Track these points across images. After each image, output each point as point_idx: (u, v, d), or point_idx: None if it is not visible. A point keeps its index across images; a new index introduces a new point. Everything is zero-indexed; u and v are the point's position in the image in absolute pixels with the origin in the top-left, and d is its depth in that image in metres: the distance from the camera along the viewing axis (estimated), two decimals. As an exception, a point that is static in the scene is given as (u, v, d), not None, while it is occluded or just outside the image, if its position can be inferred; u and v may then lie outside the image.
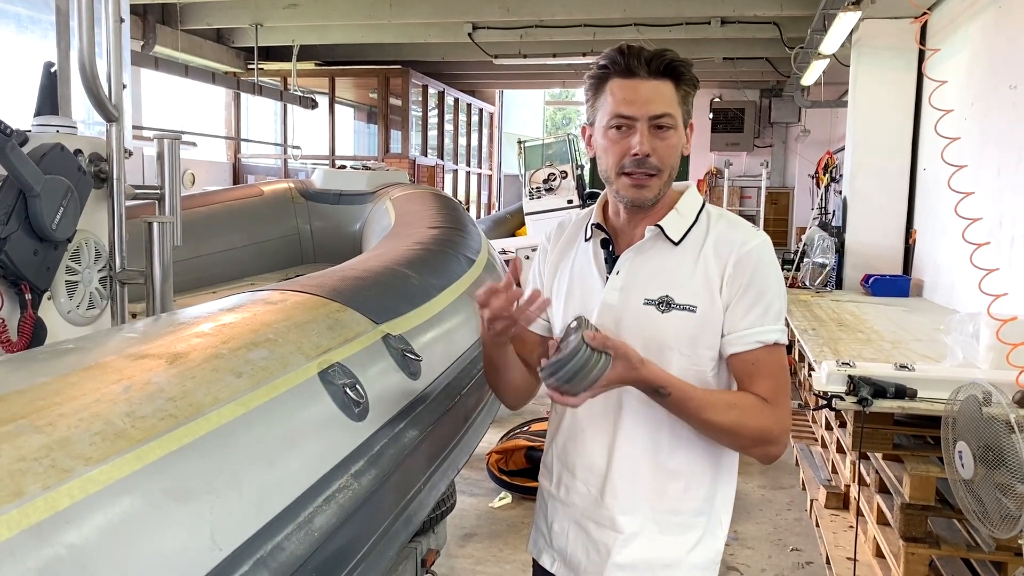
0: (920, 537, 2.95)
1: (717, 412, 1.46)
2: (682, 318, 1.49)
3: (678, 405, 1.45)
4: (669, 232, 1.53)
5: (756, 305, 1.47)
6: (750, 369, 1.50)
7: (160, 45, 9.29)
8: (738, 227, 1.54)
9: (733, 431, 1.48)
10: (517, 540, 4.10)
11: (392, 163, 11.17)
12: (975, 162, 4.64)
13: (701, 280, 1.50)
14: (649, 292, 1.52)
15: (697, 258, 1.51)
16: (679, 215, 1.55)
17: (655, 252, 1.54)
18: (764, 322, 1.48)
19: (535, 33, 9.63)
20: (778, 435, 1.49)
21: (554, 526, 1.63)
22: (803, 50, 7.66)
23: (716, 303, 1.49)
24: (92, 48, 2.03)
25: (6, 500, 0.87)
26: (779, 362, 1.51)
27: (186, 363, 1.29)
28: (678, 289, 1.50)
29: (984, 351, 3.15)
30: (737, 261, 1.48)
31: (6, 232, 1.84)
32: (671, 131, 1.47)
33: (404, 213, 3.92)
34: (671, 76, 1.47)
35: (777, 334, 1.49)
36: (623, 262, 1.55)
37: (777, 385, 1.49)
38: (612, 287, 1.55)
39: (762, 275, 1.48)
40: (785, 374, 1.52)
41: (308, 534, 1.24)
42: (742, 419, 1.46)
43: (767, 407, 1.47)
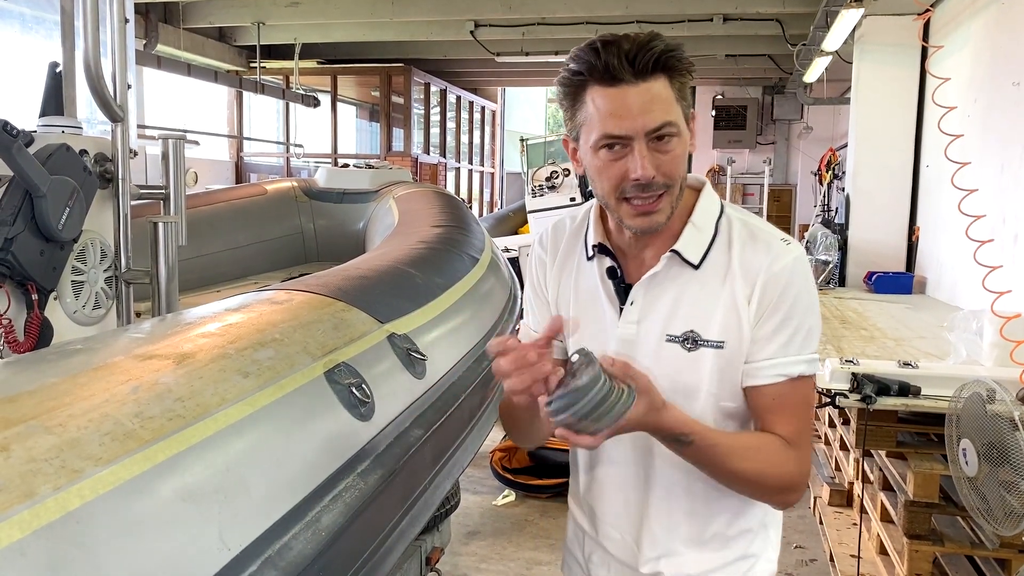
0: (924, 534, 2.96)
1: (741, 460, 1.27)
2: (712, 357, 1.29)
3: (701, 453, 1.24)
4: (687, 255, 1.31)
5: (780, 332, 1.28)
6: (771, 405, 1.30)
7: (163, 44, 9.29)
8: (765, 242, 1.31)
9: (756, 481, 1.29)
10: (521, 538, 4.11)
11: (394, 161, 11.18)
12: (978, 159, 4.64)
13: (728, 309, 1.29)
14: (671, 327, 1.31)
15: (722, 283, 1.30)
16: (696, 230, 1.32)
17: (673, 279, 1.32)
18: (787, 352, 1.28)
19: (537, 31, 9.63)
20: (799, 482, 1.31)
21: (592, 558, 1.49)
22: (805, 47, 7.66)
23: (744, 334, 1.29)
24: (97, 48, 2.04)
25: (18, 501, 0.88)
26: (804, 398, 1.32)
27: (193, 363, 1.29)
28: (704, 322, 1.29)
29: (988, 348, 3.15)
30: (765, 283, 1.27)
31: (12, 233, 1.85)
32: (674, 140, 1.23)
33: (407, 212, 3.93)
34: (663, 70, 1.21)
35: (802, 366, 1.29)
36: (637, 291, 1.34)
37: (800, 425, 1.31)
38: (628, 319, 1.34)
39: (790, 297, 1.27)
40: (809, 412, 1.35)
41: (315, 533, 1.25)
42: (766, 468, 1.28)
43: (790, 452, 1.29)
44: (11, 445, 0.95)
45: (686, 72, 1.25)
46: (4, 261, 1.84)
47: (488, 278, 2.98)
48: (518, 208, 11.82)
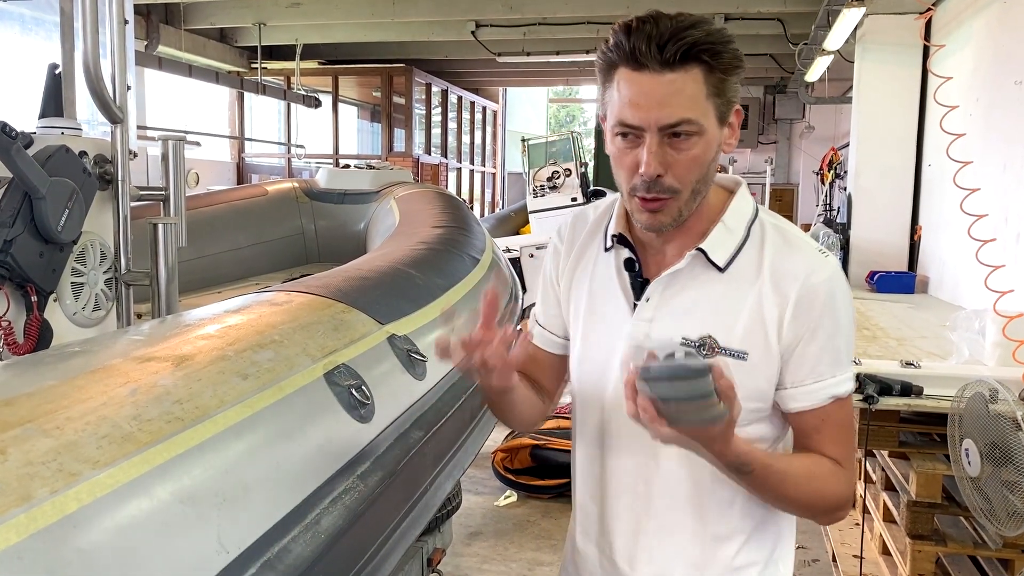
0: (926, 535, 2.95)
1: (796, 487, 1.21)
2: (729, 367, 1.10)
3: (758, 482, 1.17)
4: (714, 256, 1.21)
5: (826, 352, 1.19)
6: (819, 426, 1.23)
7: (164, 45, 9.30)
8: (801, 250, 1.22)
9: (809, 505, 1.24)
10: (523, 539, 4.10)
11: (396, 162, 11.18)
12: (980, 158, 4.63)
13: (754, 319, 1.19)
14: (687, 329, 1.20)
15: (750, 289, 1.20)
16: (726, 231, 1.22)
17: (695, 279, 1.22)
18: (836, 371, 1.20)
19: (538, 31, 9.63)
20: (846, 502, 1.26)
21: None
22: (807, 46, 7.65)
23: (771, 349, 1.19)
24: (96, 50, 2.03)
25: (14, 504, 0.87)
26: (849, 416, 1.26)
27: (192, 365, 1.29)
28: (724, 329, 1.19)
29: (990, 348, 3.14)
30: (800, 298, 1.18)
31: (12, 234, 1.85)
32: (693, 139, 1.13)
33: (408, 212, 3.93)
34: (698, 62, 1.11)
35: (849, 384, 1.23)
36: (654, 289, 1.24)
37: (848, 445, 1.26)
38: (641, 316, 1.24)
39: (833, 314, 1.19)
40: (853, 429, 1.29)
41: (315, 536, 1.24)
42: (823, 490, 1.22)
43: (841, 473, 1.23)
44: (8, 448, 0.94)
45: (729, 66, 1.14)
46: (3, 263, 1.84)
47: (489, 278, 2.98)
48: (519, 208, 11.83)
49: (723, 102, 1.15)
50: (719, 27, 1.14)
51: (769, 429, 1.26)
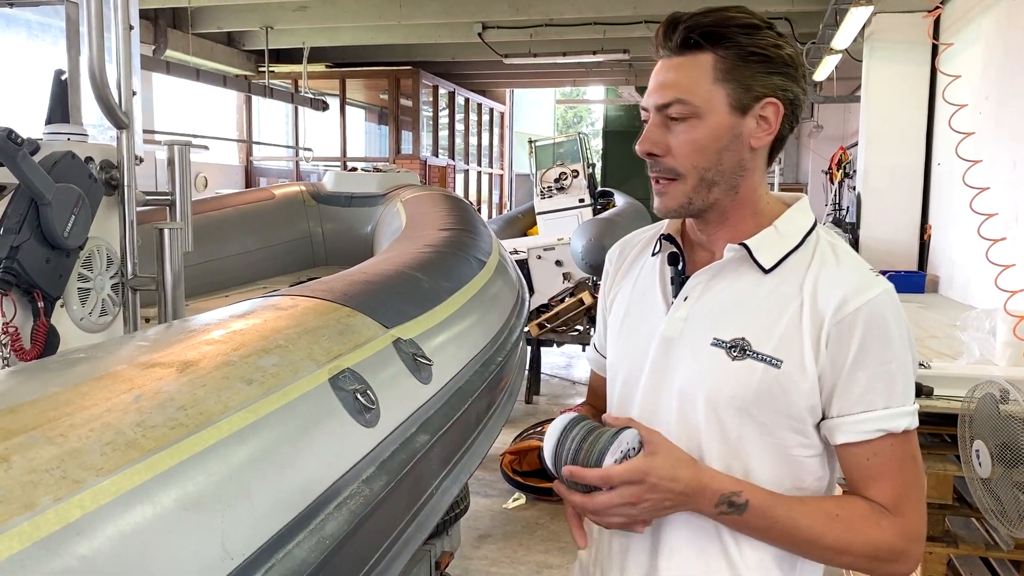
0: (938, 536, 2.93)
1: (817, 528, 1.11)
2: (759, 372, 1.12)
3: (760, 518, 1.11)
4: (758, 255, 1.16)
5: (877, 380, 1.11)
6: (865, 465, 1.13)
7: (171, 49, 9.35)
8: (850, 267, 1.15)
9: (836, 552, 1.12)
10: (531, 541, 4.10)
11: (403, 164, 11.20)
12: (990, 157, 4.60)
13: (792, 328, 1.12)
14: (720, 330, 1.16)
15: (793, 298, 1.14)
16: (777, 234, 1.18)
17: (736, 279, 1.18)
18: (891, 403, 1.11)
19: (545, 32, 9.63)
20: (902, 551, 1.12)
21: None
22: (815, 45, 7.62)
23: (806, 365, 1.11)
24: (102, 56, 2.04)
25: (17, 512, 0.87)
26: (908, 455, 1.14)
27: (196, 371, 1.29)
28: (759, 332, 1.13)
29: (1001, 348, 3.12)
30: (844, 318, 1.10)
31: (18, 240, 1.85)
32: (691, 122, 1.13)
33: (415, 215, 3.92)
34: (711, 45, 1.12)
35: (908, 419, 1.12)
36: (693, 285, 1.20)
37: (904, 487, 1.13)
38: (676, 315, 1.20)
39: (884, 338, 1.11)
40: (916, 470, 1.15)
41: (320, 541, 1.24)
42: (850, 536, 1.11)
43: (885, 517, 1.12)
44: (11, 456, 0.94)
45: (744, 53, 1.12)
46: (10, 269, 1.84)
47: (495, 281, 2.97)
48: (527, 210, 11.83)
49: (738, 88, 1.13)
50: (751, 16, 1.14)
51: (818, 467, 1.18)
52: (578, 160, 11.08)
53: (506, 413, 2.56)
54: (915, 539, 1.14)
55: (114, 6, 2.15)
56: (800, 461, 1.16)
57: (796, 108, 1.17)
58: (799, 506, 1.13)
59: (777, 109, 1.15)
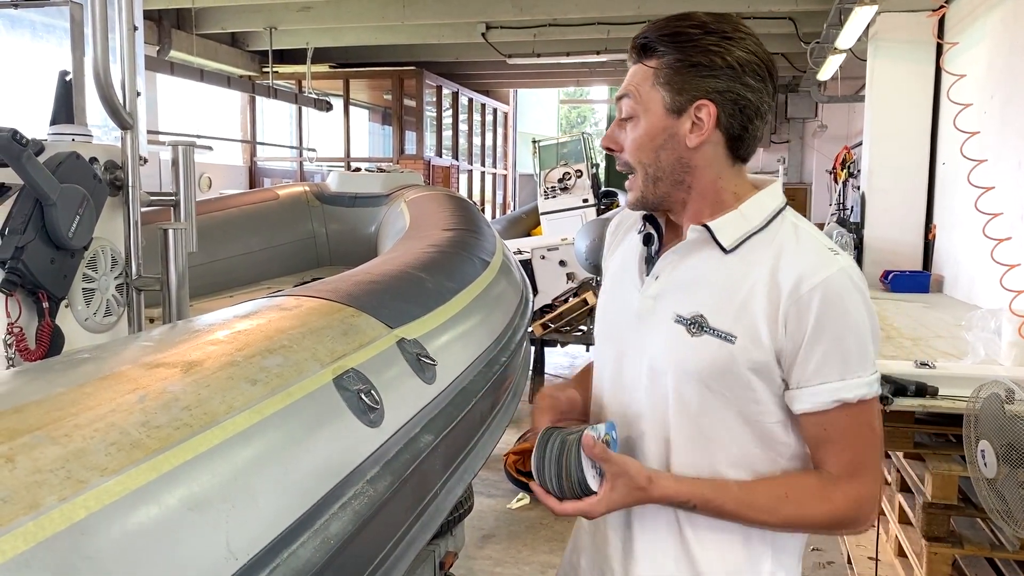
0: (943, 536, 2.92)
1: (766, 512, 1.20)
2: (714, 347, 1.20)
3: (712, 513, 1.21)
4: (719, 235, 1.23)
5: (833, 353, 1.17)
6: (820, 434, 1.20)
7: (175, 50, 9.36)
8: (807, 249, 1.21)
9: (795, 529, 1.24)
10: (536, 541, 4.09)
11: (407, 164, 11.20)
12: (995, 156, 4.59)
13: (748, 305, 1.19)
14: (682, 307, 1.23)
15: (751, 275, 1.20)
16: (740, 216, 1.24)
17: (699, 258, 1.25)
18: (845, 375, 1.17)
19: (549, 32, 9.63)
20: (858, 517, 1.21)
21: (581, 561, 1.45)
22: (819, 45, 7.61)
23: (762, 340, 1.18)
24: (106, 57, 2.04)
25: (22, 512, 0.87)
26: (864, 424, 1.20)
27: (201, 371, 1.29)
28: (715, 309, 1.21)
29: (1006, 347, 3.11)
30: (801, 297, 1.16)
31: (23, 241, 1.85)
32: (632, 121, 1.25)
33: (419, 215, 3.92)
34: (650, 53, 1.24)
35: (862, 389, 1.18)
36: (663, 265, 1.29)
37: (856, 455, 1.20)
38: (647, 293, 1.29)
39: (838, 315, 1.16)
40: (871, 437, 1.21)
41: (324, 542, 1.24)
42: (802, 513, 1.20)
43: (838, 488, 1.19)
44: (16, 456, 0.94)
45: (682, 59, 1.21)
46: (15, 270, 1.85)
47: (499, 281, 2.97)
48: (531, 210, 11.84)
49: (673, 92, 1.22)
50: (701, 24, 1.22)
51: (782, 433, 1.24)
52: (582, 160, 11.08)
53: (510, 413, 2.56)
54: (867, 502, 1.22)
55: (118, 7, 2.15)
56: (764, 428, 1.23)
57: (745, 107, 1.23)
58: (748, 495, 1.21)
59: (710, 111, 1.21)
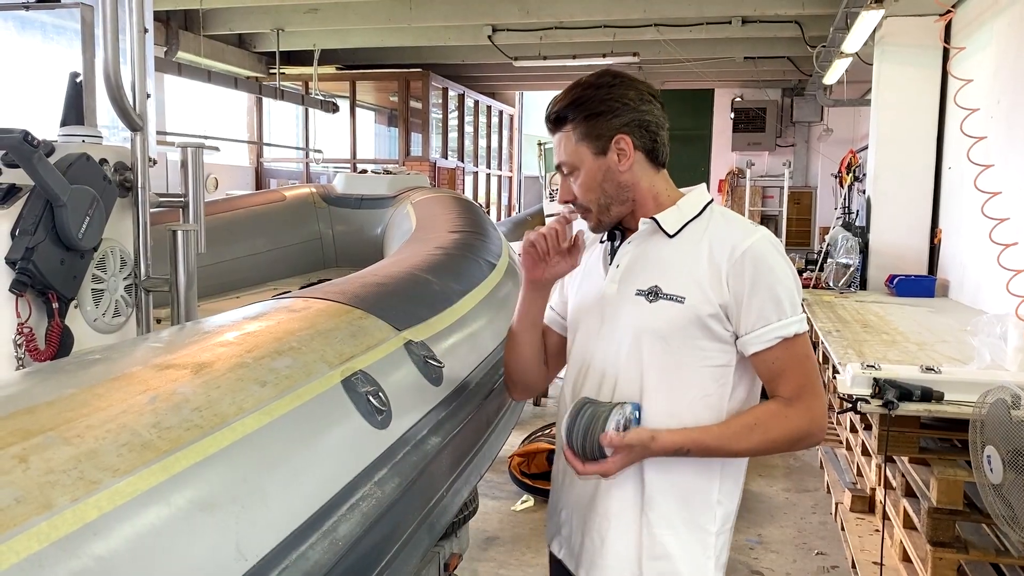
0: (948, 542, 2.92)
1: (742, 441, 1.49)
2: (669, 308, 1.52)
3: (703, 455, 1.50)
4: (664, 224, 1.57)
5: (767, 302, 1.48)
6: (772, 368, 1.51)
7: (183, 51, 9.37)
8: (734, 226, 1.56)
9: (766, 450, 1.52)
10: (540, 543, 4.09)
11: (413, 166, 11.21)
12: (1002, 161, 4.58)
13: (692, 273, 1.52)
14: (640, 283, 1.56)
15: (692, 251, 1.53)
16: (678, 210, 1.59)
17: (651, 245, 1.58)
18: (781, 316, 1.48)
19: (555, 35, 9.62)
20: (812, 430, 1.51)
21: (561, 513, 1.71)
22: (825, 49, 7.60)
23: (709, 299, 1.50)
24: (117, 59, 2.05)
25: (35, 512, 0.88)
26: (801, 353, 1.51)
27: (211, 373, 1.30)
28: (667, 280, 1.53)
29: (1012, 353, 3.11)
30: (736, 260, 1.49)
31: (34, 242, 1.86)
32: (576, 173, 1.58)
33: (425, 217, 3.93)
34: (564, 123, 1.57)
35: (795, 325, 1.49)
36: (622, 254, 1.61)
37: (801, 379, 1.50)
38: (611, 279, 1.61)
39: (766, 271, 1.49)
40: (809, 363, 1.53)
41: (332, 543, 1.24)
42: (768, 436, 1.50)
43: (792, 408, 1.50)
44: (30, 456, 0.95)
45: (589, 117, 1.55)
46: (25, 270, 1.86)
47: (505, 283, 2.98)
48: (536, 212, 11.82)
49: (593, 140, 1.55)
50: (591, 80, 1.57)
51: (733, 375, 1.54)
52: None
53: (516, 415, 2.56)
54: (818, 417, 1.51)
55: (129, 9, 2.16)
56: (714, 370, 1.53)
57: (648, 126, 1.57)
58: (726, 430, 1.50)
59: (626, 140, 1.55)
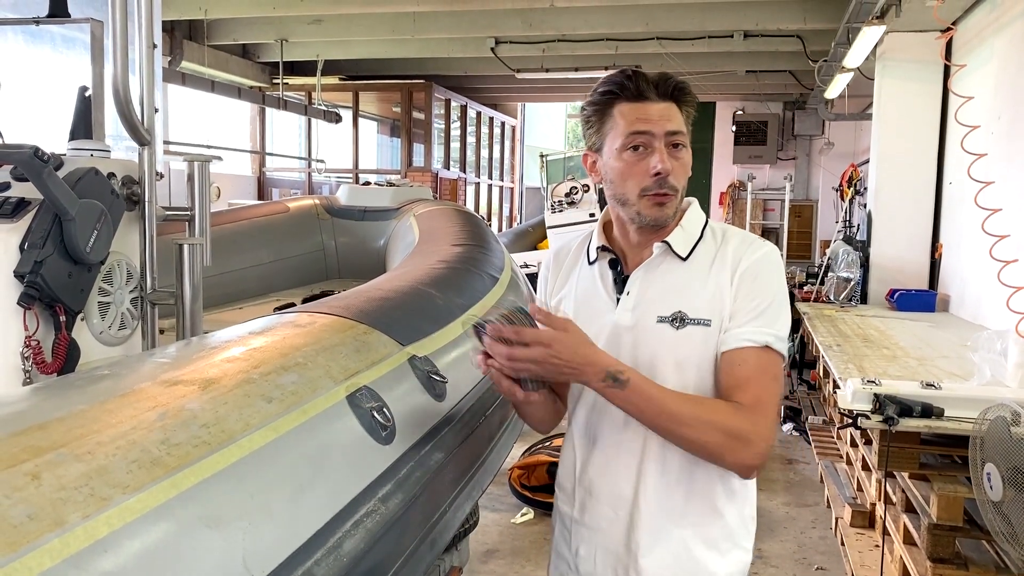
0: (948, 558, 2.92)
1: (681, 404, 1.40)
2: (697, 332, 1.47)
3: (639, 395, 1.38)
4: (676, 248, 1.53)
5: (751, 310, 1.46)
6: (735, 371, 1.44)
7: (187, 61, 9.43)
8: (744, 238, 1.55)
9: (698, 428, 1.39)
10: (539, 556, 4.10)
11: (415, 176, 11.24)
12: (1002, 177, 4.60)
13: (713, 293, 1.48)
14: (662, 309, 1.50)
15: (707, 272, 1.50)
16: (684, 231, 1.55)
17: (665, 269, 1.53)
18: (759, 323, 1.45)
19: (557, 47, 9.67)
20: (753, 439, 1.40)
21: (580, 551, 1.60)
22: (827, 63, 7.63)
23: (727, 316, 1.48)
24: (126, 74, 2.07)
25: (48, 529, 0.89)
26: (767, 368, 1.45)
27: (218, 389, 1.31)
28: (690, 304, 1.49)
29: (1013, 369, 3.11)
30: (745, 270, 1.48)
31: (42, 256, 1.88)
32: (684, 150, 1.49)
33: (428, 230, 3.95)
34: (677, 98, 1.49)
35: (770, 338, 1.44)
36: (633, 281, 1.54)
37: (763, 395, 1.43)
38: (624, 307, 1.53)
39: (764, 281, 1.48)
40: (772, 384, 1.45)
41: (337, 559, 1.25)
42: (709, 415, 1.40)
43: (742, 410, 1.41)
44: (42, 473, 0.96)
45: (693, 105, 1.52)
46: (34, 283, 1.87)
47: (508, 297, 2.99)
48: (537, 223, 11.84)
49: (690, 128, 1.51)
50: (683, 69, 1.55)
51: None
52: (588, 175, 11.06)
53: (518, 430, 2.57)
54: (764, 438, 1.41)
55: (138, 25, 2.18)
56: None
57: None
58: (669, 391, 1.42)
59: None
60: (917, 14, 5.66)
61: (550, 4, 7.62)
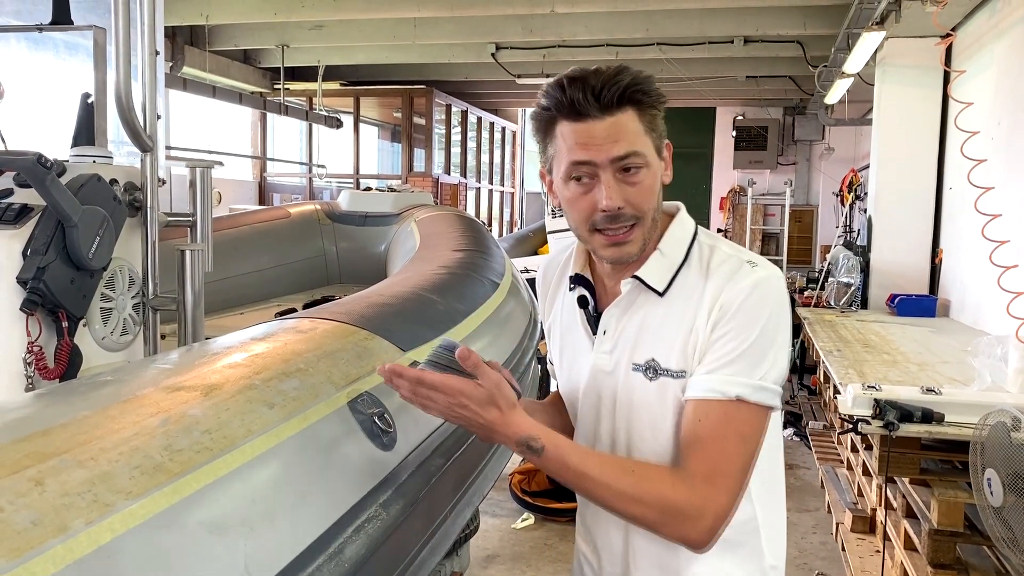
0: (949, 564, 2.92)
1: (609, 473, 1.17)
2: (670, 387, 1.24)
3: (554, 462, 1.17)
4: (651, 282, 1.28)
5: (727, 354, 1.20)
6: (694, 427, 1.20)
7: (188, 66, 9.45)
8: (731, 266, 1.26)
9: (628, 497, 1.17)
10: (540, 561, 4.10)
11: (415, 181, 11.26)
12: (1002, 183, 4.61)
13: (689, 338, 1.23)
14: (636, 356, 1.29)
15: (686, 310, 1.25)
16: (661, 257, 1.29)
17: (639, 306, 1.30)
18: (731, 370, 1.19)
19: (558, 53, 9.69)
20: (696, 515, 1.16)
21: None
22: (827, 69, 7.65)
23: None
24: (128, 81, 2.08)
25: (51, 535, 0.90)
26: (733, 427, 1.18)
27: (220, 395, 1.31)
28: (664, 351, 1.26)
29: (1013, 375, 3.12)
30: (723, 304, 1.21)
31: (45, 262, 1.89)
32: (642, 171, 1.22)
33: (429, 235, 3.96)
34: (630, 104, 1.21)
35: (744, 389, 1.18)
36: (608, 320, 1.33)
37: (717, 458, 1.18)
38: (601, 350, 1.33)
39: (746, 319, 1.20)
40: (737, 446, 1.18)
41: (339, 565, 1.26)
42: (639, 487, 1.16)
43: (688, 480, 1.17)
44: (46, 479, 0.97)
45: (654, 105, 1.24)
46: (36, 290, 1.88)
47: (508, 302, 3.00)
48: (538, 228, 11.85)
49: (656, 137, 1.24)
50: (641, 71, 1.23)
51: None
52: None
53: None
54: (714, 512, 1.17)
55: (140, 32, 2.20)
56: None
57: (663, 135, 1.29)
58: (595, 458, 1.21)
59: (670, 148, 1.29)
60: (917, 20, 5.67)
61: (551, 10, 7.63)
